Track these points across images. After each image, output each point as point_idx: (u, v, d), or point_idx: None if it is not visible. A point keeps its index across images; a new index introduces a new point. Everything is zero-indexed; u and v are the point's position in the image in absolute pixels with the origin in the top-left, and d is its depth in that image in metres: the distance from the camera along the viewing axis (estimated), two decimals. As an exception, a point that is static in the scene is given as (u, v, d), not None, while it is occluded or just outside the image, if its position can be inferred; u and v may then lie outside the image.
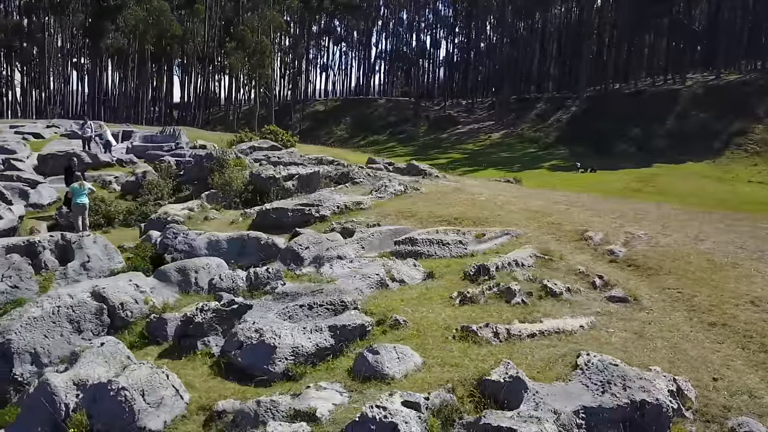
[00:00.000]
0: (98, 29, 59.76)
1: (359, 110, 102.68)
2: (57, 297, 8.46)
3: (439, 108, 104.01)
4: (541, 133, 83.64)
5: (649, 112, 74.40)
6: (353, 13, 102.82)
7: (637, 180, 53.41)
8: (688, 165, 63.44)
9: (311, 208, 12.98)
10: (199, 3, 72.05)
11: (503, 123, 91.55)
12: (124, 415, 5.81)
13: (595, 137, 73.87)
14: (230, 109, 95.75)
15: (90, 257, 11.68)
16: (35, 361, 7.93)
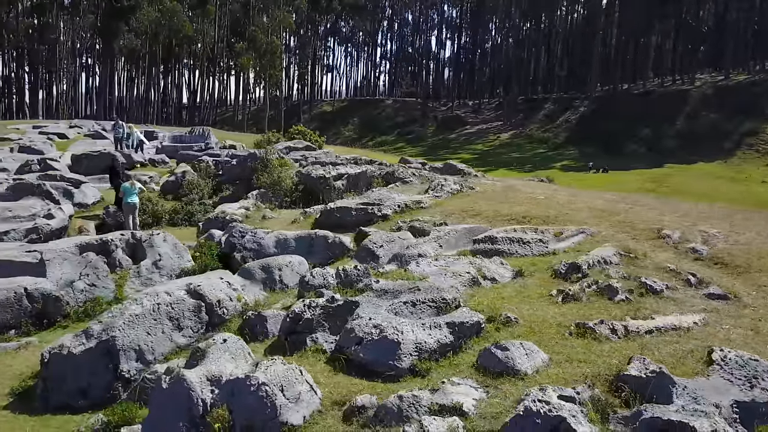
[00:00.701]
0: (111, 30, 59.80)
1: (366, 111, 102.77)
2: (155, 294, 8.53)
3: (446, 108, 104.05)
4: (550, 134, 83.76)
5: (658, 113, 74.47)
6: (359, 14, 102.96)
7: (651, 180, 53.52)
8: (700, 165, 63.50)
9: (373, 207, 13.05)
10: (210, 4, 72.11)
11: (511, 123, 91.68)
12: (266, 410, 5.87)
13: (604, 138, 73.98)
14: (238, 110, 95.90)
15: (161, 256, 11.76)
16: (140, 358, 8.01)
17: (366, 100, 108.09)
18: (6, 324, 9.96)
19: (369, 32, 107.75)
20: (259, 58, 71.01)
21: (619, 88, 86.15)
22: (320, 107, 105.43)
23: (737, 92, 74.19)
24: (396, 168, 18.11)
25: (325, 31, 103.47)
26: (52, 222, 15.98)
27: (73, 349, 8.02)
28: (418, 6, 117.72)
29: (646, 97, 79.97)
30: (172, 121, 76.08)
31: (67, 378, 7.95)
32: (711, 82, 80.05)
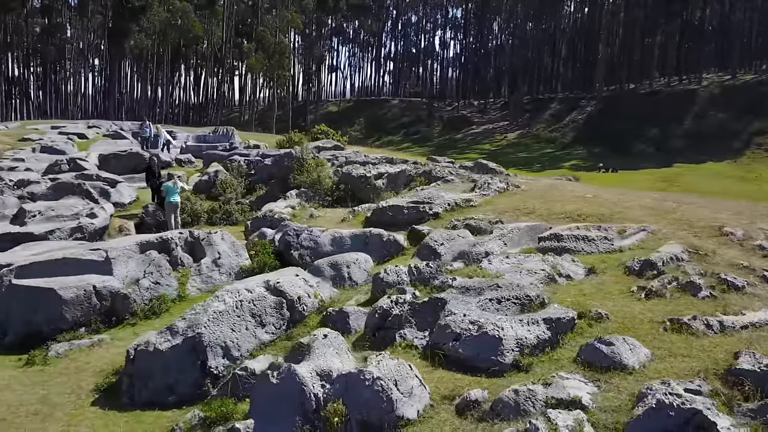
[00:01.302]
0: (122, 30, 59.84)
1: (372, 111, 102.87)
2: (236, 291, 8.60)
3: (452, 108, 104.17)
4: (557, 134, 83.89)
5: (666, 113, 74.59)
6: (364, 14, 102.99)
7: (661, 180, 53.64)
8: (709, 165, 63.58)
9: (424, 205, 13.13)
10: (217, 4, 72.19)
11: (518, 123, 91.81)
12: (383, 404, 5.94)
13: (612, 137, 74.09)
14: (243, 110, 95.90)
15: (220, 254, 11.84)
16: (226, 355, 8.08)
17: (372, 101, 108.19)
18: (76, 321, 10.03)
19: (374, 32, 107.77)
20: (267, 59, 71.04)
21: (625, 87, 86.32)
22: (326, 107, 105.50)
23: (744, 92, 74.33)
24: (432, 167, 18.19)
25: (330, 31, 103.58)
26: (96, 221, 16.03)
27: (160, 346, 8.09)
28: (421, 7, 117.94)
29: (653, 97, 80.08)
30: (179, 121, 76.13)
31: (155, 374, 8.01)
32: (718, 82, 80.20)
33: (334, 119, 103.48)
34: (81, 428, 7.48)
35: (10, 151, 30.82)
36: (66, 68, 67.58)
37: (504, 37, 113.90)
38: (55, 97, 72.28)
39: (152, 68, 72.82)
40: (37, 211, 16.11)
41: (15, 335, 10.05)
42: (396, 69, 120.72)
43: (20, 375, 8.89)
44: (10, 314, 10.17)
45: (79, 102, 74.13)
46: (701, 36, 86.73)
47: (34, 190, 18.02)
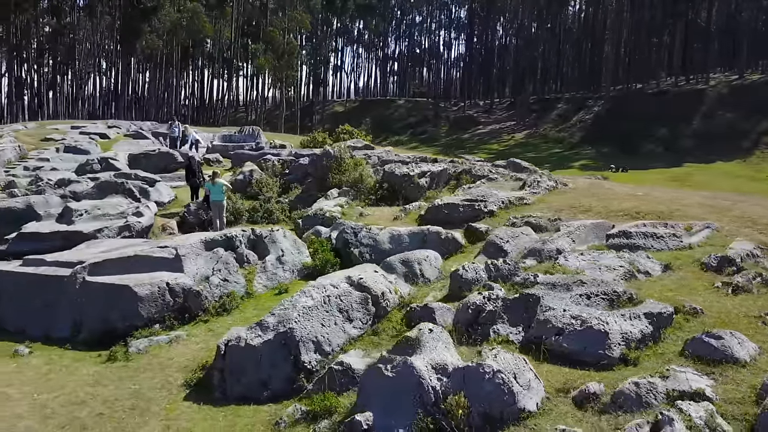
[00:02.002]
0: (134, 30, 59.91)
1: (378, 111, 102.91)
2: (322, 287, 8.69)
3: (457, 108, 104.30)
4: (565, 134, 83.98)
5: (674, 113, 74.69)
6: (370, 14, 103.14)
7: (672, 179, 53.75)
8: (718, 164, 63.73)
9: (479, 203, 13.24)
10: (226, 5, 72.30)
11: (524, 123, 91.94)
12: (504, 396, 6.04)
13: (620, 137, 74.17)
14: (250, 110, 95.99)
15: (283, 251, 11.94)
16: (318, 350, 8.18)
17: (378, 101, 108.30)
18: (151, 318, 10.11)
19: (380, 33, 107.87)
20: (277, 59, 71.12)
21: (631, 87, 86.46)
22: (332, 108, 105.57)
23: (753, 91, 74.47)
24: (472, 165, 18.30)
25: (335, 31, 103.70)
26: (142, 220, 16.12)
27: (251, 341, 8.18)
28: (426, 7, 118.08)
29: (661, 97, 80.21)
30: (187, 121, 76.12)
31: (247, 370, 8.10)
32: (725, 82, 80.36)
33: (340, 119, 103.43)
34: (180, 422, 7.58)
35: (34, 151, 30.91)
36: (76, 68, 67.61)
37: (508, 37, 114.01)
38: (65, 97, 72.33)
39: (162, 68, 72.89)
40: (84, 209, 16.19)
41: (90, 332, 10.14)
42: (400, 69, 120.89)
43: (105, 371, 8.98)
44: (84, 311, 10.26)
45: (89, 102, 74.17)
46: (707, 36, 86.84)
47: (76, 189, 18.10)
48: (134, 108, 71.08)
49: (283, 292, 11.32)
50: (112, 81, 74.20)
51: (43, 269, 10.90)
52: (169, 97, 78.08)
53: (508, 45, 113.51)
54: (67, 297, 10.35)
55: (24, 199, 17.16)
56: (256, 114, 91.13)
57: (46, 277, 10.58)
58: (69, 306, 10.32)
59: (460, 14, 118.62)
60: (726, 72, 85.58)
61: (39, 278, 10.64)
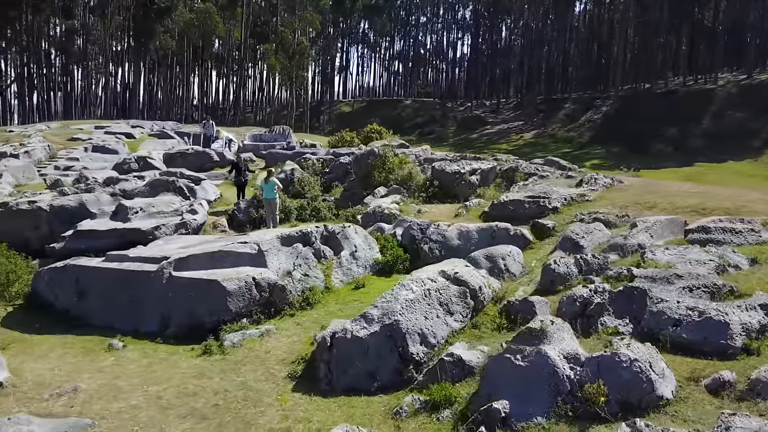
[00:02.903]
0: (147, 30, 60.02)
1: (385, 111, 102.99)
2: (421, 281, 8.84)
3: (464, 109, 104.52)
4: (574, 133, 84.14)
5: (683, 112, 74.91)
6: (378, 14, 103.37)
7: (685, 179, 53.76)
8: (730, 164, 63.94)
9: (543, 200, 13.39)
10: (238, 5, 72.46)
11: (532, 123, 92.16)
12: (642, 384, 6.20)
13: (630, 137, 74.33)
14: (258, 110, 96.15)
15: (356, 247, 12.09)
16: (424, 342, 8.33)
17: (385, 101, 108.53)
18: (239, 312, 10.25)
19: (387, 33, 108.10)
20: (288, 59, 71.26)
21: (639, 87, 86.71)
22: (339, 108, 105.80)
23: (761, 91, 74.67)
24: (519, 163, 18.48)
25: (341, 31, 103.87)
26: (197, 217, 16.27)
27: (357, 333, 8.32)
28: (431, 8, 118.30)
29: (670, 97, 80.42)
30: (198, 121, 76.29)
31: (354, 361, 8.24)
32: (734, 81, 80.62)
33: (347, 119, 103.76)
34: (297, 412, 7.72)
35: (63, 150, 31.05)
36: (88, 68, 67.72)
37: (514, 37, 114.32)
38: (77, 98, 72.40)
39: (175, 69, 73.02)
40: (139, 207, 16.34)
41: (177, 327, 10.28)
42: (406, 69, 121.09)
43: (205, 364, 9.11)
44: (172, 306, 10.40)
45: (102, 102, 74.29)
46: (714, 36, 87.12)
47: (126, 188, 18.22)
48: (146, 109, 71.18)
49: (361, 287, 11.49)
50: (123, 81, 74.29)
51: (126, 265, 11.03)
52: (179, 97, 78.19)
53: (514, 45, 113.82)
54: (154, 292, 10.49)
55: (76, 197, 17.29)
56: (264, 114, 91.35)
57: (133, 273, 10.72)
58: (156, 301, 10.46)
59: (465, 14, 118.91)
60: (734, 72, 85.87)
61: (126, 274, 10.78)
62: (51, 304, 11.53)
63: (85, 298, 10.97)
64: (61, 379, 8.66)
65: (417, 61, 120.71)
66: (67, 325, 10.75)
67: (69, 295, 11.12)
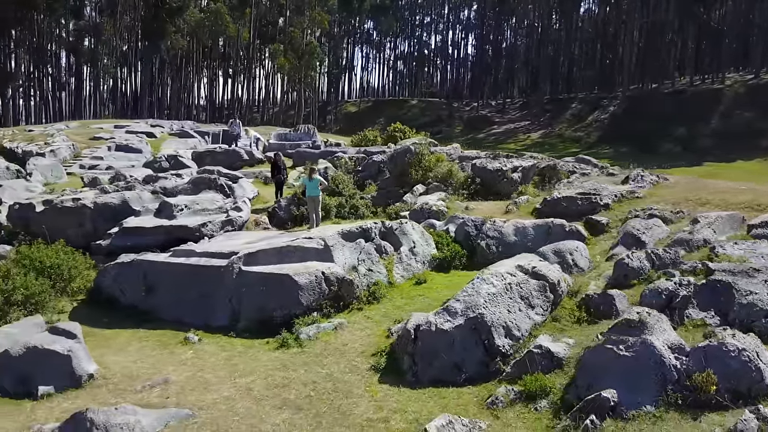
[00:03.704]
0: (158, 30, 60.12)
1: (391, 111, 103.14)
2: (500, 275, 8.95)
3: (470, 108, 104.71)
4: (581, 133, 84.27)
5: (691, 112, 75.07)
6: (384, 14, 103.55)
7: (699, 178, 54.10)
8: (739, 164, 64.03)
9: (595, 197, 13.51)
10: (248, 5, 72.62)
11: (539, 123, 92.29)
12: (752, 373, 6.32)
13: (638, 137, 74.40)
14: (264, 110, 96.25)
15: (414, 243, 12.21)
16: (508, 334, 8.45)
17: (390, 101, 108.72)
18: (309, 306, 10.36)
19: (393, 33, 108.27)
20: (297, 59, 71.37)
21: (645, 87, 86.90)
22: (344, 107, 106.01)
23: (770, 91, 74.85)
24: (555, 161, 18.59)
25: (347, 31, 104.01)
26: (242, 214, 16.41)
27: (441, 326, 8.44)
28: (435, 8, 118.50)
29: (678, 97, 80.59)
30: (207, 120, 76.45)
31: (439, 354, 8.35)
32: (741, 81, 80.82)
33: (354, 119, 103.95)
34: (389, 403, 7.83)
35: (86, 149, 31.17)
36: (98, 68, 67.81)
37: (519, 37, 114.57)
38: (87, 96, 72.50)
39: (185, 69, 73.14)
40: (183, 205, 16.48)
41: (248, 320, 10.40)
42: (410, 69, 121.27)
43: (284, 356, 9.22)
44: (242, 300, 10.51)
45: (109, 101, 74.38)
46: (720, 36, 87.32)
47: (166, 186, 18.32)
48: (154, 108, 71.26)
49: (423, 283, 11.61)
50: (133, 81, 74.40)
51: (195, 260, 11.14)
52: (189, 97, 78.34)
53: (519, 45, 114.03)
54: (224, 287, 10.60)
55: (119, 195, 17.39)
56: (269, 115, 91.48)
57: (202, 268, 10.82)
58: (226, 295, 10.58)
59: (471, 14, 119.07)
60: (741, 72, 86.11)
61: (195, 269, 10.89)
62: (115, 299, 11.65)
63: (154, 292, 11.08)
64: (148, 371, 8.78)
65: (421, 61, 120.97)
66: (136, 320, 10.87)
67: (137, 290, 11.23)
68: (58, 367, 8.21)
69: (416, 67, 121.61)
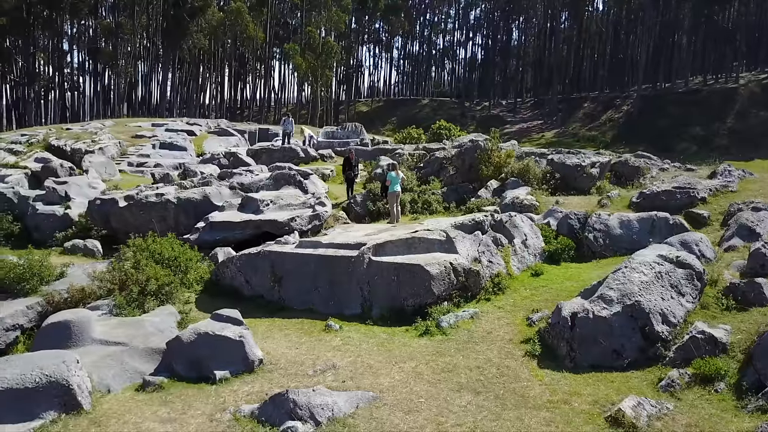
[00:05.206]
0: (180, 29, 60.30)
1: (403, 110, 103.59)
2: (648, 264, 9.18)
3: (481, 108, 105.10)
4: (596, 132, 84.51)
5: (707, 111, 75.44)
6: (396, 14, 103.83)
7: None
8: (757, 162, 64.17)
9: (692, 191, 13.75)
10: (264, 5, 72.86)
11: (552, 122, 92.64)
12: None
13: (654, 136, 74.66)
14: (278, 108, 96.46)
15: (526, 235, 12.43)
16: (665, 321, 8.68)
17: (402, 100, 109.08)
18: (440, 296, 10.58)
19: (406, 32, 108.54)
20: (315, 58, 71.59)
21: (660, 86, 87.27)
22: (356, 107, 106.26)
23: (784, 90, 75.24)
24: (628, 157, 18.86)
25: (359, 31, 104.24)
26: (326, 209, 16.64)
27: (599, 313, 8.66)
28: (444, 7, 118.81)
29: (693, 96, 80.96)
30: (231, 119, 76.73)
31: (598, 340, 8.58)
32: (755, 81, 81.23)
33: (366, 118, 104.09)
34: (561, 386, 8.04)
35: (131, 147, 31.37)
36: (117, 68, 67.98)
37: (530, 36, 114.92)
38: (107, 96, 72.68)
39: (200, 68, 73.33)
40: (269, 200, 16.70)
41: (380, 309, 10.62)
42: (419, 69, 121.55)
43: (431, 343, 9.43)
44: (372, 289, 10.73)
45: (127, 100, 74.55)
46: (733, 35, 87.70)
47: (242, 181, 18.54)
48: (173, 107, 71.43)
49: (540, 274, 11.85)
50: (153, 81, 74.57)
51: (322, 251, 11.35)
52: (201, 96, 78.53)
53: (528, 44, 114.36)
54: (355, 276, 10.82)
55: (200, 190, 17.63)
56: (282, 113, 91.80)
57: (333, 258, 11.04)
58: (358, 284, 10.79)
59: (479, 14, 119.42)
60: (754, 71, 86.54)
61: (325, 259, 11.10)
62: (236, 289, 11.88)
63: (282, 283, 11.29)
64: (309, 356, 8.99)
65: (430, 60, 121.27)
66: (266, 309, 11.09)
67: (264, 281, 11.45)
68: (232, 353, 8.42)
69: (426, 67, 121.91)
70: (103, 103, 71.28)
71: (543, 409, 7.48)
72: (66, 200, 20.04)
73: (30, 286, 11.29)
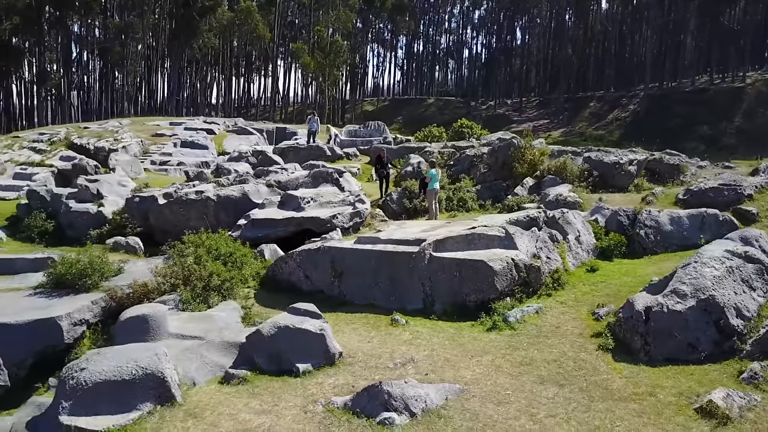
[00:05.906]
0: (190, 29, 60.39)
1: (409, 110, 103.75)
2: (718, 259, 9.27)
3: (487, 107, 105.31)
4: (603, 131, 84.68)
5: (714, 111, 75.67)
6: (402, 13, 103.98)
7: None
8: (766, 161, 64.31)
9: (739, 188, 13.85)
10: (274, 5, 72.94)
11: (558, 121, 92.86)
12: None
13: (661, 135, 74.48)
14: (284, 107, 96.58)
15: (579, 232, 12.52)
16: (739, 314, 8.77)
17: (408, 100, 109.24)
18: (503, 291, 10.66)
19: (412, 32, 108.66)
20: (324, 58, 71.69)
21: (666, 86, 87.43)
22: (362, 106, 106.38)
23: (792, 89, 75.42)
24: (662, 155, 18.95)
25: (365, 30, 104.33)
26: (367, 206, 16.74)
27: (673, 307, 8.75)
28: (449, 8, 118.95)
29: (700, 95, 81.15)
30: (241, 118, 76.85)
31: (672, 333, 8.67)
32: (762, 80, 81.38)
33: (372, 117, 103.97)
34: (641, 379, 8.13)
35: (153, 146, 31.47)
36: (127, 67, 68.05)
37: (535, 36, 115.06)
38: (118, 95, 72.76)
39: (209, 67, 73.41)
40: (309, 197, 16.80)
41: (442, 304, 10.71)
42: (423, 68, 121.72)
43: (501, 337, 9.52)
44: (434, 285, 10.82)
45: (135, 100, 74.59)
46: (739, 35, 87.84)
47: (279, 179, 18.63)
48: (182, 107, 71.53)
49: (595, 270, 11.94)
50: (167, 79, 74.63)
51: (381, 246, 11.44)
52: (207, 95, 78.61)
53: (533, 44, 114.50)
54: (416, 272, 10.90)
55: (238, 188, 17.73)
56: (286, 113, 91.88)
57: (393, 254, 11.12)
58: (419, 280, 10.88)
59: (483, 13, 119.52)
60: (759, 70, 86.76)
61: (385, 255, 11.19)
62: (294, 285, 11.96)
63: (342, 278, 11.38)
64: (384, 350, 9.07)
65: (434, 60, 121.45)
66: (328, 304, 11.15)
67: (324, 276, 11.54)
68: (312, 346, 8.50)
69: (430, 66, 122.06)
70: (111, 103, 71.33)
71: (630, 401, 7.57)
72: (98, 198, 20.11)
73: (91, 282, 11.36)
